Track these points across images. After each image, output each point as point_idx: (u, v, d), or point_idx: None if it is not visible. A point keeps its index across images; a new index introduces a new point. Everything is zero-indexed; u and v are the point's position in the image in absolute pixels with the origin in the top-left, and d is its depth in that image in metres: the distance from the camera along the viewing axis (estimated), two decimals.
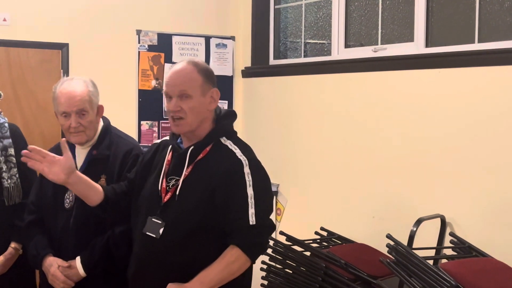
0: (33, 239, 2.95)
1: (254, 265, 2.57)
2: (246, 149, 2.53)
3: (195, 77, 2.50)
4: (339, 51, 5.19)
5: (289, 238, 4.32)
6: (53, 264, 2.84)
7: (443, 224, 4.09)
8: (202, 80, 2.51)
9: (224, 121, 2.60)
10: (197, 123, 2.50)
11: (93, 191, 2.64)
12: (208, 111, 2.53)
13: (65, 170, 2.53)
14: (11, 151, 3.15)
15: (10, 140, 3.17)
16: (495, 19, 4.10)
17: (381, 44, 4.84)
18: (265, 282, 4.45)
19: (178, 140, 2.60)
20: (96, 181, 2.79)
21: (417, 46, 4.50)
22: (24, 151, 2.55)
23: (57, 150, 3.07)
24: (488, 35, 4.10)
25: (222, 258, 2.39)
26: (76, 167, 2.91)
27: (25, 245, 3.02)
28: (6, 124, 3.21)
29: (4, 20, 5.06)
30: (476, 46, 4.13)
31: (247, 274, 2.52)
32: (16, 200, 3.18)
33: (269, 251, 4.32)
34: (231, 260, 2.39)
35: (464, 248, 3.90)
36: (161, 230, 2.43)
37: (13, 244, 3.19)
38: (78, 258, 2.83)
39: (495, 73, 3.90)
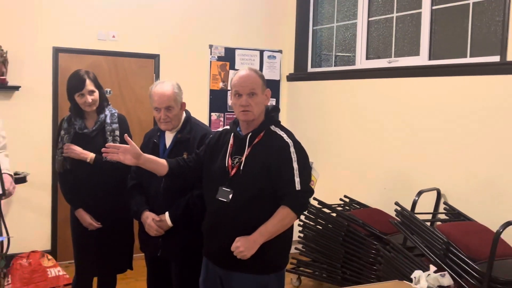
0: (134, 198, 3.01)
1: (293, 222, 2.58)
2: (290, 134, 2.54)
3: (258, 80, 2.51)
4: (362, 62, 5.15)
5: (320, 202, 4.34)
6: (149, 217, 2.90)
7: (439, 195, 4.06)
8: (262, 82, 2.52)
9: (272, 114, 2.61)
10: (259, 114, 2.51)
11: (160, 166, 2.67)
12: (264, 105, 2.54)
13: (133, 155, 2.57)
14: (117, 132, 3.21)
15: (117, 125, 3.23)
16: (484, 40, 4.03)
17: (394, 57, 4.79)
18: (302, 235, 4.49)
19: (238, 129, 2.62)
20: (178, 155, 2.83)
21: (422, 59, 4.45)
22: (103, 149, 2.60)
23: (151, 132, 3.14)
24: (478, 51, 4.03)
25: (276, 215, 2.40)
26: (165, 147, 2.97)
27: (128, 203, 3.06)
28: (116, 114, 3.28)
29: (113, 36, 5.15)
30: (468, 60, 4.06)
31: (291, 228, 2.53)
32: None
33: (305, 212, 4.36)
34: (283, 216, 2.40)
35: (454, 214, 3.87)
36: (230, 196, 2.44)
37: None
38: (167, 213, 2.88)
39: (482, 80, 3.84)
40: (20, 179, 4.29)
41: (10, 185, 2.68)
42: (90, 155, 3.13)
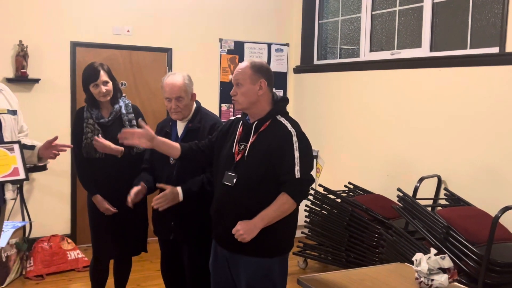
0: (140, 175, 3.00)
1: (300, 208, 2.55)
2: (294, 124, 2.50)
3: (246, 71, 2.47)
4: (365, 54, 5.11)
5: (325, 189, 4.33)
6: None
7: (439, 181, 4.03)
8: (251, 73, 2.46)
9: (279, 104, 2.58)
10: (248, 104, 2.46)
11: (173, 148, 2.66)
12: (258, 95, 2.47)
13: (148, 138, 2.57)
14: (134, 122, 3.20)
15: (132, 115, 3.23)
16: (483, 32, 3.98)
17: (397, 49, 4.74)
18: (308, 220, 4.49)
19: (247, 117, 2.59)
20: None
21: (423, 51, 4.40)
22: (120, 135, 2.59)
23: (164, 122, 3.13)
24: (477, 43, 3.98)
25: (276, 201, 2.38)
26: (178, 136, 2.96)
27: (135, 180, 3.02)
28: (130, 104, 3.28)
29: (128, 31, 5.15)
30: (468, 51, 4.02)
31: (295, 214, 2.51)
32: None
33: (311, 197, 4.35)
34: (282, 202, 2.37)
35: (454, 199, 3.85)
36: (234, 180, 2.43)
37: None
38: (179, 187, 2.82)
39: (482, 71, 3.80)
40: (40, 167, 4.32)
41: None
42: (120, 149, 3.10)
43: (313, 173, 2.68)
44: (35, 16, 4.77)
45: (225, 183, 2.45)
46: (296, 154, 2.38)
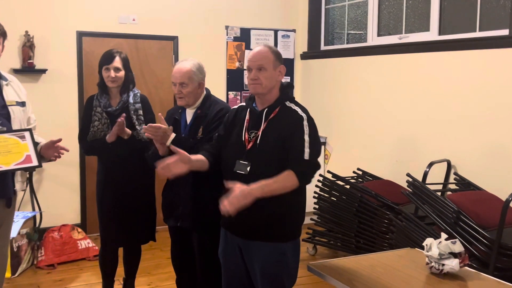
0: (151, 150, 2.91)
1: (308, 194, 2.55)
2: (304, 109, 2.50)
3: (269, 56, 2.46)
4: (373, 39, 5.06)
5: (334, 175, 4.32)
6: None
7: (449, 166, 4.01)
8: (274, 58, 2.47)
9: (287, 90, 2.58)
10: (268, 89, 2.46)
11: (202, 162, 2.55)
12: (277, 81, 2.49)
13: (184, 162, 2.43)
14: (140, 112, 3.21)
15: (140, 105, 3.23)
16: (493, 14, 3.93)
17: (405, 33, 4.70)
18: (317, 206, 4.49)
19: (254, 105, 2.59)
20: (197, 130, 2.82)
21: (432, 34, 4.35)
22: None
23: (174, 109, 3.11)
24: (487, 25, 3.94)
25: (280, 176, 2.34)
26: (186, 122, 2.95)
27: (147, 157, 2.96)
28: (138, 94, 3.28)
29: (133, 20, 5.13)
30: (478, 34, 3.97)
31: (303, 197, 2.51)
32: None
33: (320, 184, 4.35)
34: (286, 179, 2.34)
35: (464, 184, 3.83)
36: (248, 168, 2.41)
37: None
38: (173, 133, 2.73)
39: (491, 54, 3.76)
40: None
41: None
42: (129, 132, 3.10)
43: (321, 159, 2.67)
44: (40, 6, 4.76)
45: (238, 171, 2.44)
46: (306, 138, 2.39)
